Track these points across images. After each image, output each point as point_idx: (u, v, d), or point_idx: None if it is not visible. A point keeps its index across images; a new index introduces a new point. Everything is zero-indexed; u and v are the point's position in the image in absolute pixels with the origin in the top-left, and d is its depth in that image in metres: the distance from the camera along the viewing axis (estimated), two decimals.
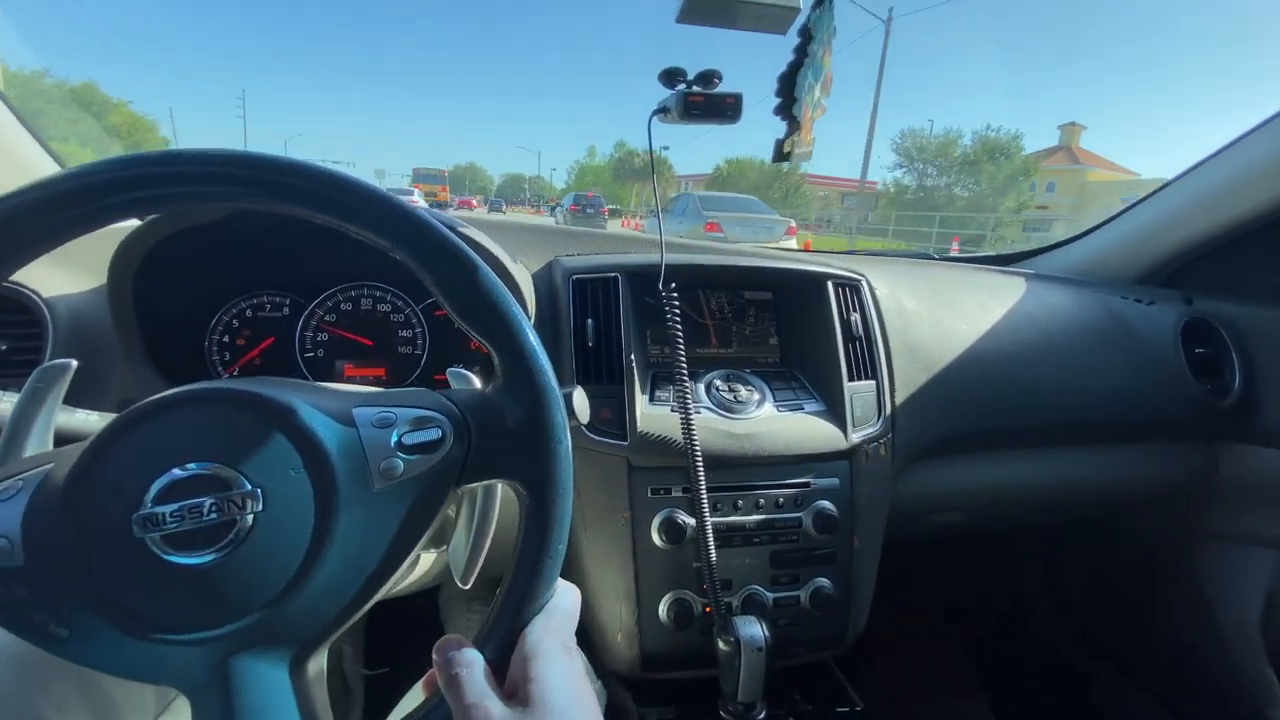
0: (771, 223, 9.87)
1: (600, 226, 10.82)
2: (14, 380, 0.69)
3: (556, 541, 0.40)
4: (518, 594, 0.40)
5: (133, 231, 0.68)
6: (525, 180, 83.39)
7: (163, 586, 0.34)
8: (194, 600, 0.34)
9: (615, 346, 0.79)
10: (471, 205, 32.12)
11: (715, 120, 0.81)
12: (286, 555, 0.35)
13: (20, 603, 0.34)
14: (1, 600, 0.34)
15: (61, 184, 0.36)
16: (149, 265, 0.69)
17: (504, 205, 42.82)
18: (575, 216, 16.31)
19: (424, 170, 34.91)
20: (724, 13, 0.78)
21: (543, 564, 0.40)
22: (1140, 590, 1.24)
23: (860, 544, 0.81)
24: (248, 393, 0.38)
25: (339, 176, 0.40)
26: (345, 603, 0.37)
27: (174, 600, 0.34)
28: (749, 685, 0.70)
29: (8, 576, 0.34)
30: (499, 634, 0.39)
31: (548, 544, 0.40)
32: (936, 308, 0.97)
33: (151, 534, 0.34)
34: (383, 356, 0.87)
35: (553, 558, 0.40)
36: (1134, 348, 1.04)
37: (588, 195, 19.52)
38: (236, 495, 0.35)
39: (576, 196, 19.28)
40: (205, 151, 0.38)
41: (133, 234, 0.68)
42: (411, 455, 0.39)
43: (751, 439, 0.78)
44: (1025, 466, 1.02)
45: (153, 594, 0.34)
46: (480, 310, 0.41)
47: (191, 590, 0.34)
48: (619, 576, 0.76)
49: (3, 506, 0.35)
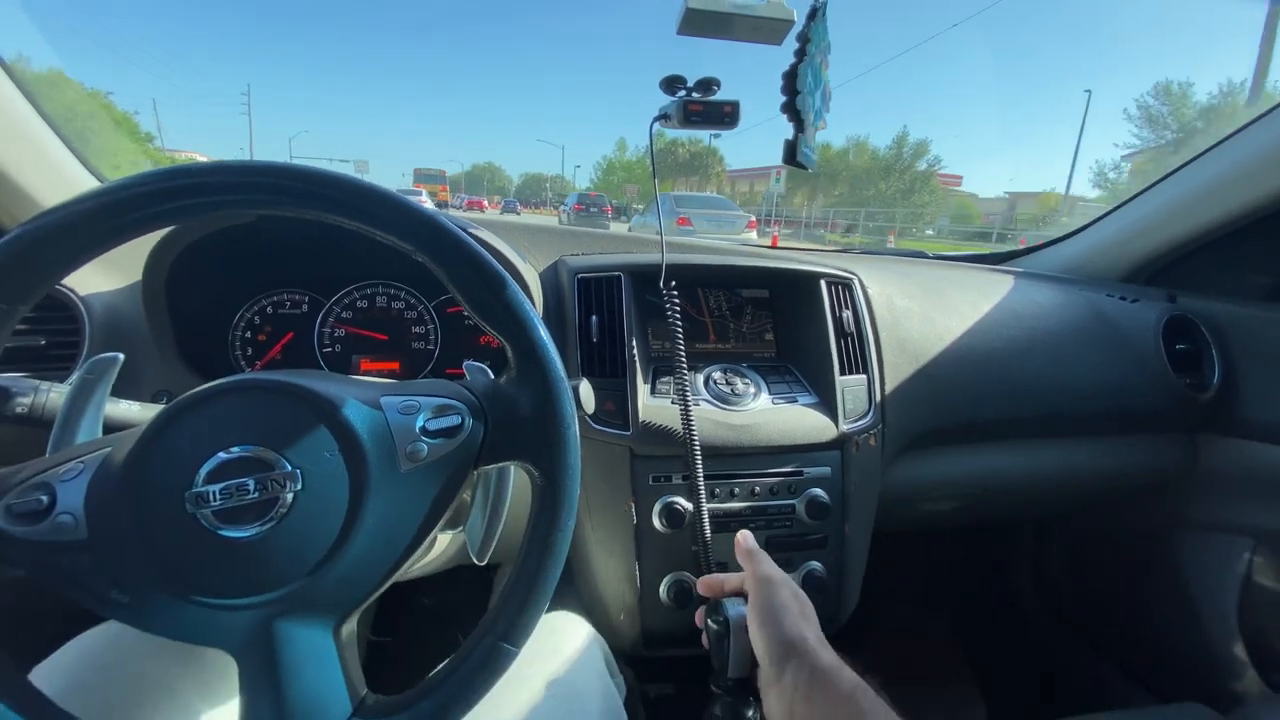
0: (734, 217, 11.50)
1: (604, 226, 11.95)
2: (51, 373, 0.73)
3: (566, 517, 0.45)
4: (531, 568, 0.44)
5: (167, 234, 0.72)
6: (546, 180, 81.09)
7: (213, 557, 0.38)
8: (241, 569, 0.38)
9: (618, 342, 0.84)
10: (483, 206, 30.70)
11: (714, 127, 0.84)
12: (323, 530, 0.40)
13: (84, 571, 0.38)
14: (68, 569, 0.38)
15: (113, 194, 0.40)
16: (180, 265, 0.73)
17: (518, 206, 40.89)
18: (579, 216, 16.71)
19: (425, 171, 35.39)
20: (721, 25, 0.81)
21: (553, 539, 0.44)
22: (1122, 576, 1.29)
23: (851, 529, 0.86)
24: (286, 383, 0.42)
25: (367, 187, 0.44)
26: (375, 574, 0.42)
27: (223, 569, 0.38)
28: (739, 662, 0.74)
29: (73, 549, 0.38)
30: (513, 607, 0.43)
31: (558, 520, 0.44)
32: (927, 305, 1.01)
33: (202, 510, 0.38)
34: (397, 351, 0.91)
35: (563, 532, 0.45)
36: (1117, 343, 1.08)
37: (591, 195, 20.27)
38: (278, 475, 0.39)
39: (580, 196, 19.74)
40: (251, 164, 0.42)
41: (167, 236, 0.72)
42: (435, 439, 0.44)
43: (748, 429, 0.82)
44: (1011, 458, 1.06)
45: (204, 564, 0.38)
46: (495, 307, 0.45)
47: (238, 560, 0.38)
48: (622, 559, 0.80)
49: (67, 485, 0.39)
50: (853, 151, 42.51)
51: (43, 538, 0.37)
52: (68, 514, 0.38)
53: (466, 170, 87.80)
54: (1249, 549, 1.09)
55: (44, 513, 0.38)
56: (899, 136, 38.32)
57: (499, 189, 76.51)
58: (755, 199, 39.01)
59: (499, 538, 0.55)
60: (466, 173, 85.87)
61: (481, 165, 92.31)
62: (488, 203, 37.67)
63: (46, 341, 0.73)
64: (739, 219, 11.51)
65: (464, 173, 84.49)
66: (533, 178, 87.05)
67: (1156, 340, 1.07)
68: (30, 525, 0.37)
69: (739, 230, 10.99)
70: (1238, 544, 1.11)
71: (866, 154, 41.68)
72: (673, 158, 51.72)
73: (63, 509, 0.38)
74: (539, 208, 47.08)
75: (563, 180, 78.85)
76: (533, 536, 0.44)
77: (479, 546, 0.56)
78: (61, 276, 0.41)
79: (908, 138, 38.17)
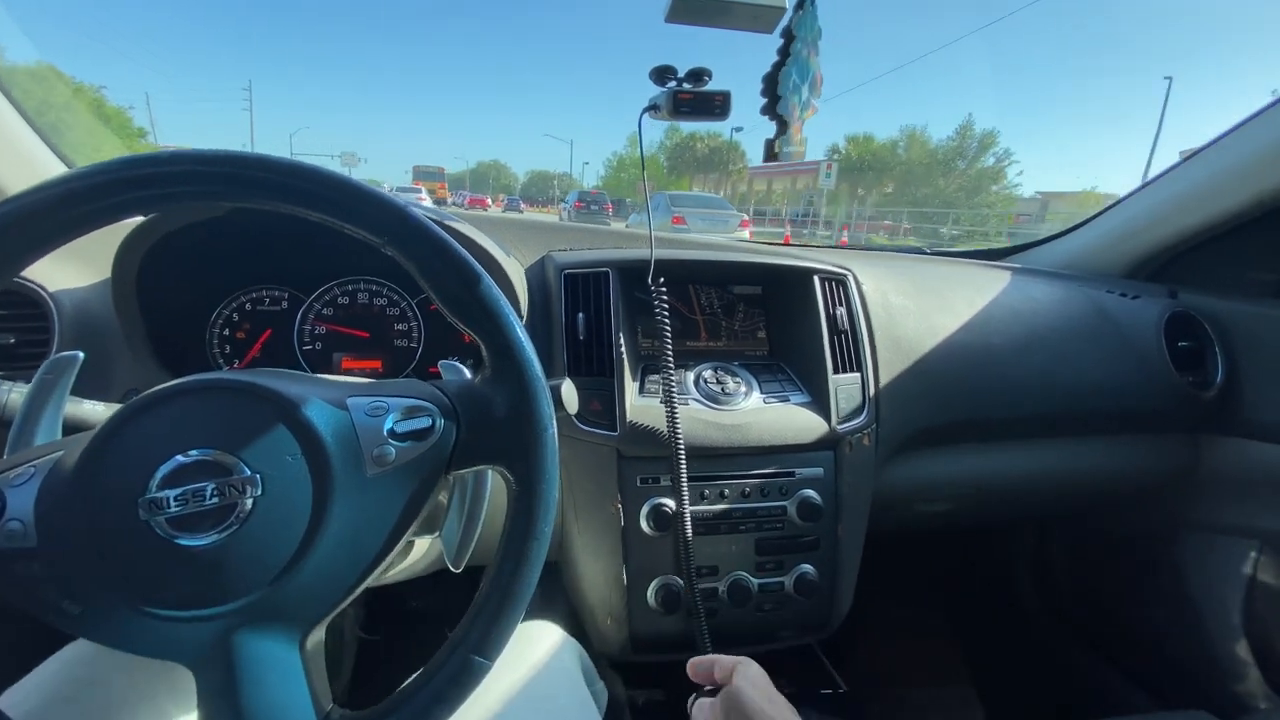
0: (728, 216, 11.85)
1: (604, 224, 11.77)
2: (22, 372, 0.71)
3: (542, 525, 0.42)
4: (505, 577, 0.41)
5: (137, 226, 0.70)
6: (553, 177, 78.55)
7: (167, 566, 0.36)
8: (197, 579, 0.36)
9: (606, 340, 0.81)
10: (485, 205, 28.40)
11: (704, 117, 0.82)
12: (285, 537, 0.38)
13: (33, 581, 0.36)
14: (17, 578, 0.36)
15: (74, 182, 0.38)
16: (152, 260, 0.71)
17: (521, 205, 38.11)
18: (580, 214, 16.70)
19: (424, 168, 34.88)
20: (711, 12, 0.79)
21: (528, 547, 0.42)
22: (1123, 578, 1.26)
23: (844, 532, 0.84)
24: (247, 383, 0.40)
25: (332, 176, 0.42)
26: (340, 584, 0.40)
27: (178, 579, 0.36)
28: None
29: (22, 556, 0.36)
30: (485, 618, 0.41)
31: (533, 528, 0.42)
32: (922, 302, 0.99)
33: (156, 517, 0.36)
34: (379, 349, 0.89)
35: (538, 540, 0.42)
36: (1118, 341, 1.06)
37: (592, 192, 20.02)
38: (236, 480, 0.37)
39: (581, 194, 19.46)
40: (207, 152, 0.40)
41: (137, 229, 0.69)
42: (403, 442, 0.41)
43: (738, 429, 0.80)
44: (1009, 458, 1.04)
45: (158, 573, 0.36)
46: (466, 303, 0.43)
47: (195, 570, 0.36)
48: (609, 563, 0.78)
49: (16, 491, 0.37)
50: (904, 143, 36.48)
51: None
52: (16, 520, 0.36)
53: (471, 168, 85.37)
54: (1254, 551, 1.06)
55: None
56: (962, 126, 33.00)
57: (504, 187, 74.21)
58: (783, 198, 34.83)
59: (479, 542, 0.53)
60: (471, 170, 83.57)
61: (487, 163, 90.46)
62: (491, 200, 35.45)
63: (15, 340, 0.71)
64: (733, 218, 11.88)
65: (469, 170, 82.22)
66: (539, 175, 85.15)
67: (1158, 337, 1.05)
68: None
69: (732, 229, 11.31)
70: (1242, 546, 1.09)
71: (922, 146, 35.55)
72: (691, 153, 49.16)
73: (11, 515, 0.36)
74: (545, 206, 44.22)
75: (570, 178, 76.62)
76: (507, 544, 0.42)
77: (454, 553, 0.54)
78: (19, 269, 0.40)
79: (972, 127, 32.60)
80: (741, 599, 0.78)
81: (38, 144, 0.83)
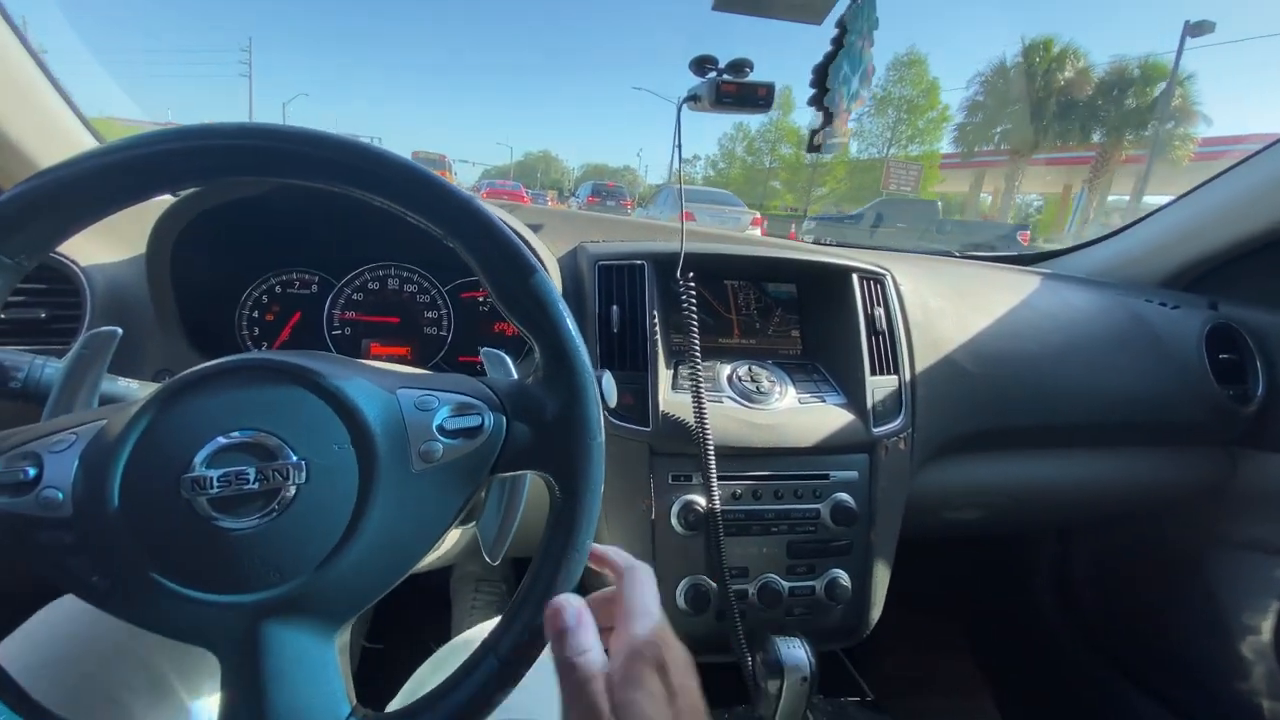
0: (738, 212, 11.70)
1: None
2: (53, 347, 0.70)
3: (584, 537, 0.41)
4: (541, 589, 0.40)
5: (174, 203, 0.68)
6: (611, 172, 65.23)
7: (204, 547, 0.35)
8: (233, 563, 0.35)
9: (640, 334, 0.80)
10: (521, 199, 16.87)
11: (747, 110, 0.80)
12: (325, 528, 0.36)
13: (63, 550, 0.35)
14: (46, 546, 0.35)
15: (117, 153, 0.36)
16: (186, 237, 0.70)
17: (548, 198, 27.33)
18: (593, 209, 15.64)
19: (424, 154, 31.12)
20: (759, 2, 0.77)
21: (568, 558, 0.40)
22: (1151, 593, 1.24)
23: (876, 537, 0.82)
24: (301, 366, 0.38)
25: (397, 160, 0.40)
26: (375, 580, 0.38)
27: (214, 561, 0.35)
28: (789, 717, 0.71)
29: (55, 525, 0.34)
30: (516, 630, 0.39)
31: (575, 540, 0.40)
32: (960, 305, 0.97)
33: (198, 496, 0.34)
34: (408, 336, 0.87)
35: (578, 552, 0.40)
36: (1157, 351, 1.04)
37: (608, 185, 18.40)
38: (282, 465, 0.36)
39: (595, 186, 17.91)
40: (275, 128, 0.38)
41: (174, 206, 0.68)
42: (451, 440, 0.40)
43: (772, 429, 0.78)
44: (1043, 466, 1.02)
45: (194, 554, 0.35)
46: (527, 303, 0.41)
47: (231, 553, 0.35)
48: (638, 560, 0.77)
49: (56, 458, 0.35)
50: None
51: (24, 511, 0.34)
52: (53, 488, 0.35)
53: (518, 159, 72.45)
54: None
55: (29, 485, 0.34)
56: None
57: (554, 181, 59.31)
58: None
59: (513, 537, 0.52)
60: (518, 162, 71.18)
61: (536, 154, 76.70)
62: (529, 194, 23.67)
63: (46, 315, 0.70)
64: (743, 215, 11.84)
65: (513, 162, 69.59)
66: (595, 169, 69.02)
67: (1199, 349, 1.03)
68: (13, 497, 0.34)
69: (743, 226, 11.02)
70: (1274, 564, 1.06)
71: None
72: None
73: (49, 482, 0.35)
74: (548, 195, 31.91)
75: (632, 173, 63.87)
76: (545, 553, 0.41)
77: (492, 545, 0.53)
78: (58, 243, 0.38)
79: None
80: (772, 601, 0.77)
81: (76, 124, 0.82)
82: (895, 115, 25.81)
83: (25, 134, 0.74)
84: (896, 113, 25.67)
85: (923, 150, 25.20)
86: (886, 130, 26.43)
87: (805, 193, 28.52)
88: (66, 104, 0.81)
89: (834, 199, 28.13)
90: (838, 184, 28.61)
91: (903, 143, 25.60)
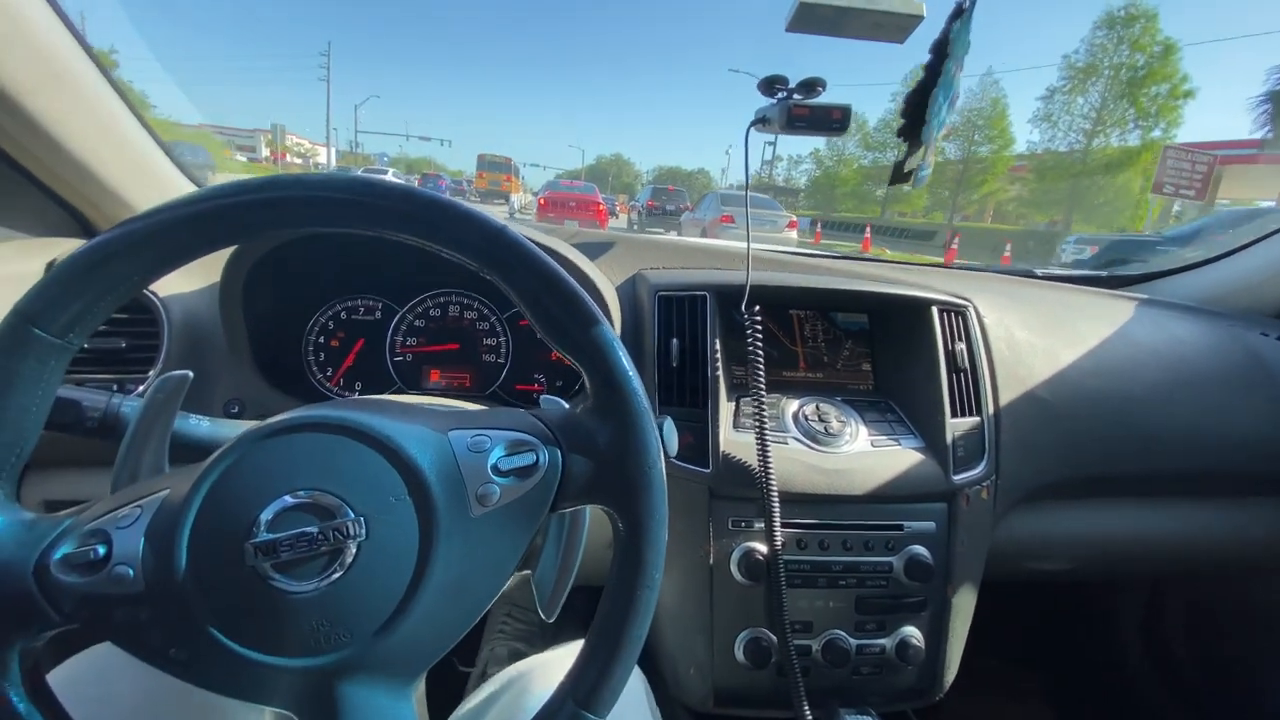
0: (775, 216, 12.22)
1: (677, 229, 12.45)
2: (131, 376, 0.73)
3: (653, 571, 0.39)
4: (614, 627, 0.39)
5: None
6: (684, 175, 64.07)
7: (273, 612, 0.35)
8: (303, 627, 0.35)
9: (701, 369, 0.76)
10: (599, 212, 13.29)
11: (821, 132, 0.76)
12: (389, 584, 0.36)
13: (140, 626, 0.35)
14: (123, 624, 0.35)
15: (207, 202, 0.37)
16: (257, 270, 0.72)
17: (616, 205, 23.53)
18: (652, 215, 15.43)
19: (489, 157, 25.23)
20: (837, 21, 0.73)
21: (639, 597, 0.39)
22: (1248, 649, 1.12)
23: (954, 594, 0.76)
24: (350, 419, 0.38)
25: (441, 201, 0.39)
26: (444, 631, 0.38)
27: (283, 626, 0.35)
28: None
29: (129, 601, 0.35)
30: (594, 670, 0.38)
31: (644, 576, 0.39)
32: (1050, 338, 0.89)
33: (263, 562, 0.34)
34: (467, 362, 0.87)
35: (650, 589, 0.39)
36: (1273, 391, 0.93)
37: (669, 189, 17.44)
38: (341, 524, 0.35)
39: (655, 190, 17.21)
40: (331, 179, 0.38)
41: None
42: (506, 479, 0.39)
43: (842, 475, 0.73)
44: (1140, 516, 0.93)
45: (263, 619, 0.35)
46: (570, 331, 0.40)
47: (300, 617, 0.35)
48: (695, 609, 0.73)
49: (124, 533, 0.36)
50: None
51: (98, 590, 0.34)
52: (124, 565, 0.35)
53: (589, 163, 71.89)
54: None
55: (101, 563, 0.35)
56: None
57: (626, 186, 58.99)
58: None
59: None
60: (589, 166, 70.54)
61: (607, 158, 76.38)
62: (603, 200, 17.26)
63: (126, 344, 0.72)
64: (780, 218, 12.23)
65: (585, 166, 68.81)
66: (667, 173, 66.79)
67: None
68: (86, 576, 0.34)
69: (780, 229, 11.71)
70: None
71: None
72: None
73: (119, 559, 0.35)
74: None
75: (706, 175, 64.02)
76: (615, 590, 0.39)
77: (548, 600, 0.51)
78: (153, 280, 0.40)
79: None
80: (839, 660, 0.72)
81: (167, 164, 0.86)
82: (1104, 90, 18.84)
83: (116, 172, 0.78)
84: (1106, 86, 18.63)
85: (1163, 134, 17.45)
86: (1090, 111, 19.36)
87: (953, 195, 24.06)
88: (149, 135, 0.84)
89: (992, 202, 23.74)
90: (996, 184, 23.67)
91: (1107, 128, 18.81)
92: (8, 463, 0.36)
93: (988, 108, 23.44)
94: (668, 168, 72.82)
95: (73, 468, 0.74)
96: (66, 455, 0.73)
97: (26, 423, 0.36)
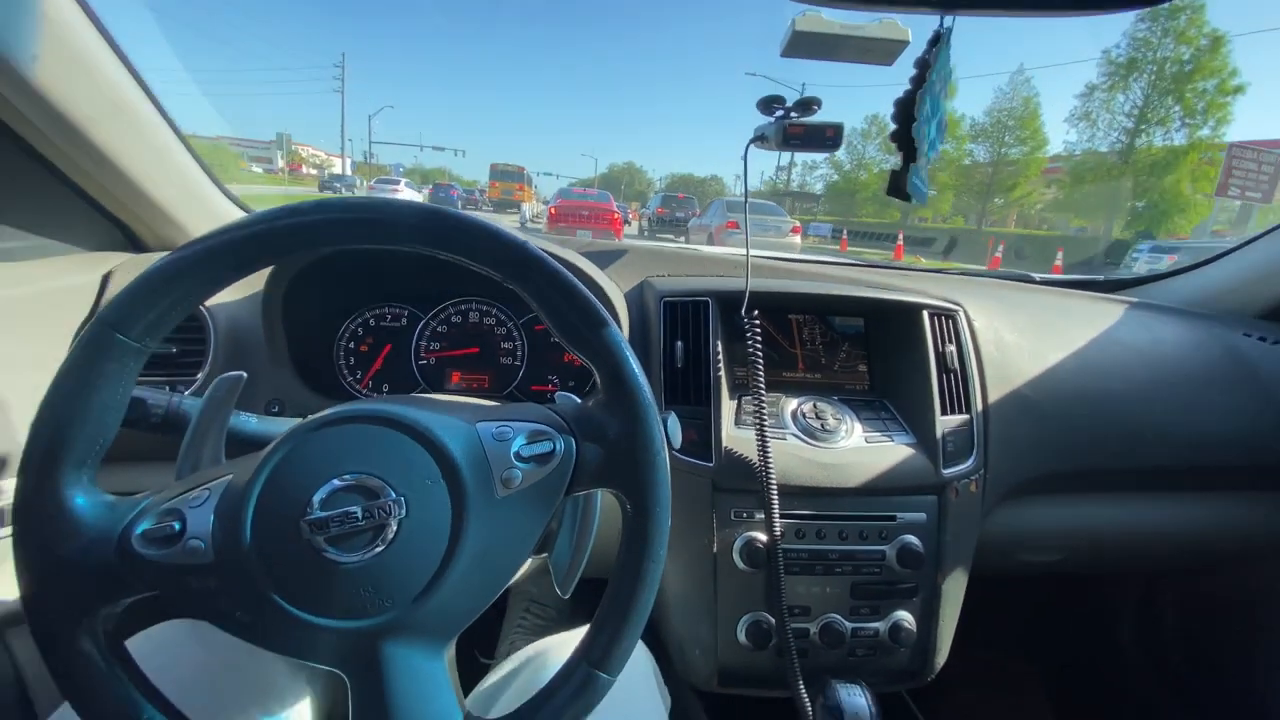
0: (779, 221, 12.73)
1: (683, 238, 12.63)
2: (180, 378, 0.79)
3: (658, 547, 0.44)
4: (624, 596, 0.44)
5: None
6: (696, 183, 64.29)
7: (325, 580, 0.40)
8: (351, 593, 0.40)
9: (704, 369, 0.82)
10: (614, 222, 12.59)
11: (814, 149, 0.81)
12: (426, 557, 0.41)
13: (211, 593, 0.41)
14: (196, 590, 0.41)
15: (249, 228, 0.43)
16: (299, 279, 0.78)
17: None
18: (661, 220, 15.58)
19: (502, 166, 26.83)
20: (830, 47, 0.78)
21: (645, 569, 0.44)
22: (1243, 643, 1.15)
23: (944, 581, 0.80)
24: (390, 412, 0.44)
25: (480, 226, 0.45)
26: (473, 600, 0.43)
27: (333, 592, 0.40)
28: None
29: (201, 571, 0.40)
30: (607, 634, 0.43)
31: (649, 550, 0.44)
32: (1037, 340, 0.94)
33: (317, 536, 0.40)
34: (487, 366, 0.93)
35: (655, 562, 0.44)
36: (1254, 390, 0.97)
37: (678, 197, 17.48)
38: (385, 503, 0.41)
39: (665, 198, 17.28)
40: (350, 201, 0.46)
41: None
42: (528, 465, 0.44)
43: (838, 469, 0.78)
44: (1127, 509, 0.97)
45: (316, 586, 0.40)
46: (582, 333, 0.45)
47: (350, 584, 0.40)
48: (699, 595, 0.79)
49: (195, 512, 0.41)
50: None
51: (174, 561, 0.40)
52: (196, 539, 0.40)
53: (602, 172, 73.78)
54: None
55: (176, 538, 0.40)
56: None
57: (638, 194, 59.12)
58: None
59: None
60: (602, 174, 72.20)
61: (619, 166, 78.59)
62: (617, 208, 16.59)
63: (177, 350, 0.79)
64: (784, 224, 12.78)
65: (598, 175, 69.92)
66: (680, 180, 68.26)
67: None
68: (163, 549, 0.40)
69: (784, 234, 12.27)
70: None
71: None
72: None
73: (192, 534, 0.40)
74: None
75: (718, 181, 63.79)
76: (624, 565, 0.44)
77: (564, 577, 0.56)
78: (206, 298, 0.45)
79: None
80: (834, 642, 0.77)
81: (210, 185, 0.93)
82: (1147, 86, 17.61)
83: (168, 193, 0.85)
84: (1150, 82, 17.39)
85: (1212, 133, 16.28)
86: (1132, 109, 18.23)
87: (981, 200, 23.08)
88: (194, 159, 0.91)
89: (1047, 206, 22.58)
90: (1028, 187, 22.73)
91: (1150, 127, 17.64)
92: (92, 452, 0.41)
93: (1019, 107, 22.83)
94: (680, 175, 73.08)
95: (127, 462, 0.81)
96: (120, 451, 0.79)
97: (108, 418, 0.41)
